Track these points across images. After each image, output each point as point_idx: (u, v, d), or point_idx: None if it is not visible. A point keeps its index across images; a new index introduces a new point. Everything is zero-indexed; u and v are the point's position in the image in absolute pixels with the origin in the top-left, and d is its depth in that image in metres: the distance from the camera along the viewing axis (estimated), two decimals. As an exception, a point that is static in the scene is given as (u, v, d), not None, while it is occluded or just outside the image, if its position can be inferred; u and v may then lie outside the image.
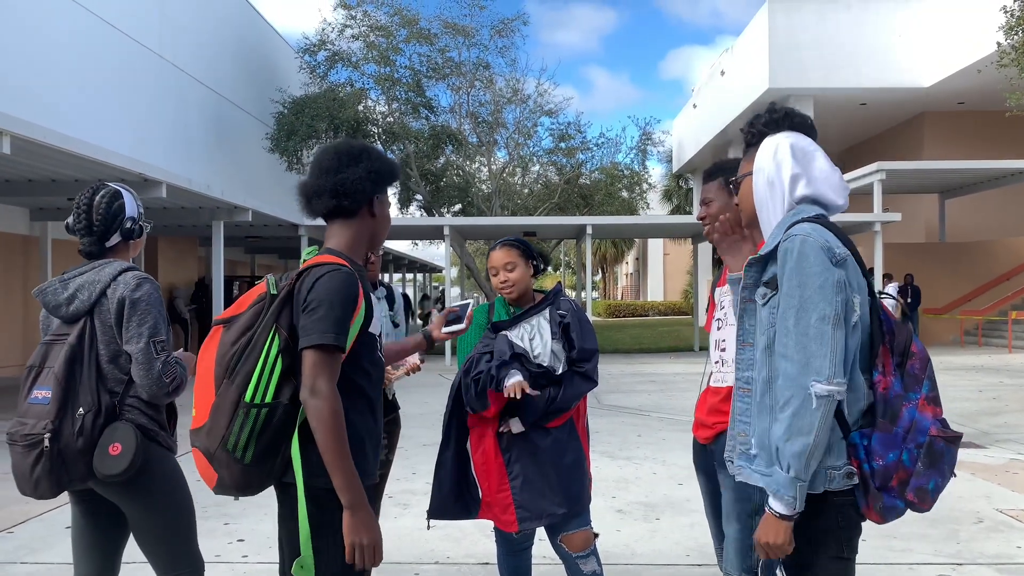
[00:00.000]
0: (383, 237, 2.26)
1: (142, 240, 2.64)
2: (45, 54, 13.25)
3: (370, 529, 1.94)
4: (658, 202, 40.01)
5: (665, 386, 12.11)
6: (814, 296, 1.79)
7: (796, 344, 1.79)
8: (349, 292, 1.97)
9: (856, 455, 1.83)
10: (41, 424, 2.32)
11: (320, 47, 21.98)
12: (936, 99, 21.46)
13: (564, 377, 2.99)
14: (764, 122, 2.07)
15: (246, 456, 1.93)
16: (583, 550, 3.02)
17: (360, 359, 2.05)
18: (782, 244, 1.87)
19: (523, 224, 17.82)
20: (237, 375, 1.95)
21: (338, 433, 1.89)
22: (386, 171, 2.17)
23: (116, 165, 10.22)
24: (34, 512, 5.28)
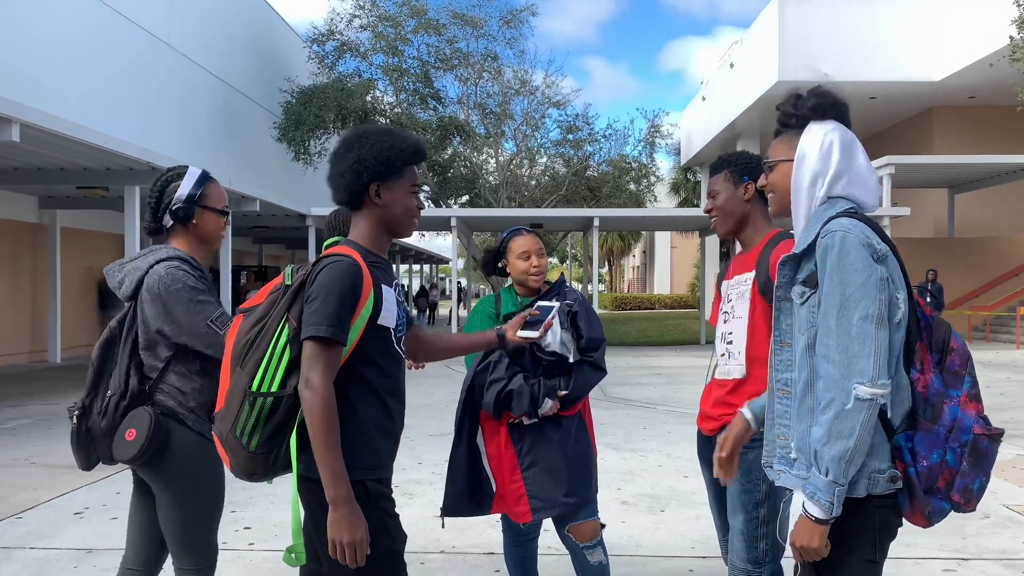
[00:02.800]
0: (403, 222, 2.14)
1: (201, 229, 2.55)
2: (55, 43, 13.27)
3: (352, 527, 1.88)
4: (666, 195, 39.92)
5: (671, 379, 12.11)
6: (856, 294, 1.73)
7: (838, 345, 1.73)
8: (348, 284, 1.94)
9: (901, 458, 1.78)
10: (78, 401, 2.41)
11: (329, 37, 21.97)
12: (946, 93, 21.33)
13: (574, 366, 3.00)
14: (811, 106, 1.94)
15: (251, 443, 1.95)
16: (591, 540, 3.04)
17: (369, 351, 2.02)
18: (821, 240, 1.79)
19: (530, 216, 17.80)
20: (247, 363, 1.98)
21: (325, 426, 1.87)
22: (378, 157, 2.06)
23: (125, 154, 10.25)
24: (43, 498, 5.32)
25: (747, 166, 2.62)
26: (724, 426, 2.54)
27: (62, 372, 13.17)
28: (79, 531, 4.63)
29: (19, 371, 13.21)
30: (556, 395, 2.93)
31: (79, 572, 3.97)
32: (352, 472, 1.93)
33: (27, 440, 7.35)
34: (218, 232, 2.61)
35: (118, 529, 4.65)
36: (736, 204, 2.62)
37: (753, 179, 2.59)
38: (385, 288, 2.06)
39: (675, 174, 41.27)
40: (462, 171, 24.82)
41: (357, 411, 1.99)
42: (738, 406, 2.51)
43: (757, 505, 2.44)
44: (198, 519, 2.47)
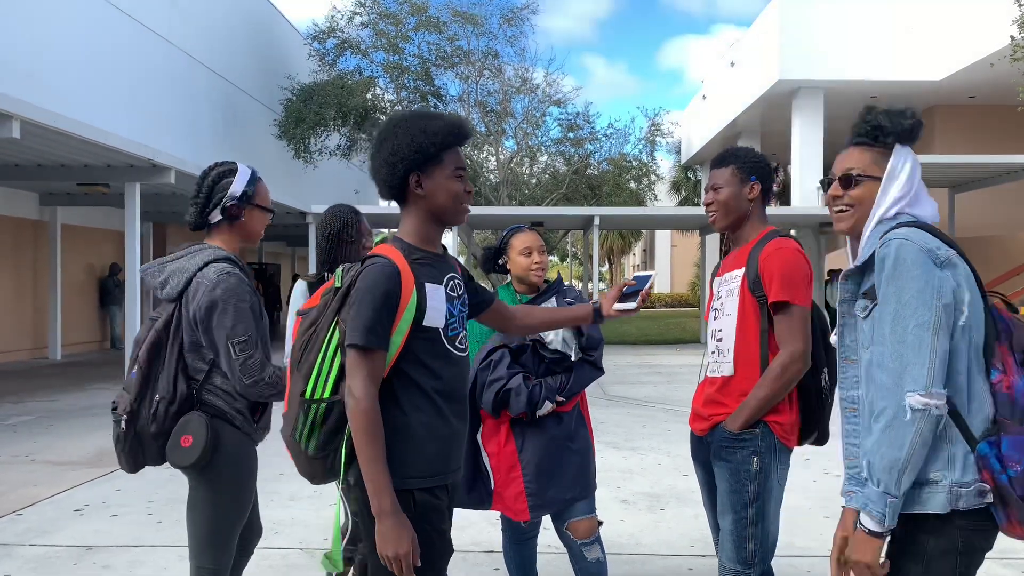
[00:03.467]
0: (451, 209, 2.02)
1: (248, 226, 2.56)
2: (55, 39, 13.26)
3: (397, 540, 1.82)
4: (666, 193, 39.88)
5: (671, 378, 12.11)
6: (912, 301, 1.69)
7: (892, 352, 1.70)
8: (383, 289, 1.87)
9: (988, 467, 1.69)
10: (124, 404, 2.41)
11: (329, 34, 21.93)
12: (947, 93, 21.30)
13: (575, 365, 3.01)
14: (907, 128, 1.89)
15: (309, 447, 1.95)
16: (588, 537, 3.04)
17: (417, 353, 1.94)
18: (878, 251, 1.77)
19: (531, 214, 17.78)
20: (302, 367, 1.98)
21: (367, 437, 1.83)
22: (411, 145, 1.95)
23: (125, 150, 10.24)
24: (43, 495, 5.33)
25: (755, 165, 2.61)
26: (715, 426, 2.54)
27: (62, 369, 13.17)
28: (79, 528, 4.63)
29: (20, 368, 13.21)
30: (555, 399, 2.93)
31: (79, 569, 3.98)
32: (400, 481, 1.88)
33: (27, 437, 7.35)
34: (261, 229, 2.63)
35: (118, 526, 4.65)
36: (740, 202, 2.60)
37: (760, 179, 2.59)
38: (431, 287, 1.97)
39: (676, 173, 41.25)
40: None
41: (407, 417, 1.93)
42: (728, 405, 2.51)
43: (745, 506, 2.44)
44: (228, 519, 2.49)
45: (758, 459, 2.43)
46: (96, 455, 6.56)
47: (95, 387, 10.88)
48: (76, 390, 10.57)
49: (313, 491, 5.09)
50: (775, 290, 2.43)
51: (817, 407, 2.52)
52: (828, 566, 2.16)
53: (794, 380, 2.43)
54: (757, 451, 2.43)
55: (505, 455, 2.98)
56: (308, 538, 4.27)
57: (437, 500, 1.97)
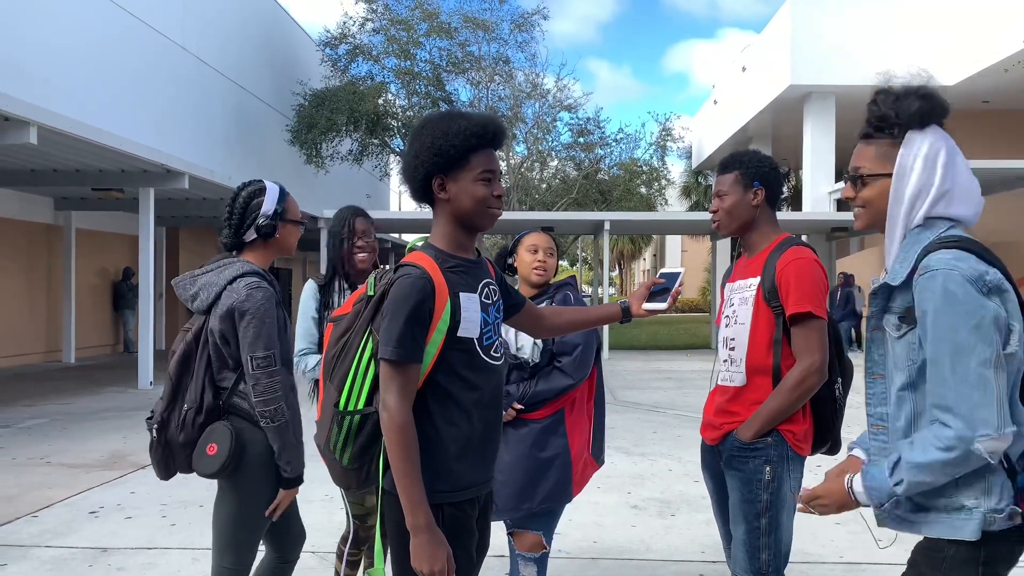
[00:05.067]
0: (476, 213, 1.94)
1: (283, 241, 2.61)
2: (70, 46, 13.40)
3: (431, 557, 1.79)
4: (677, 198, 39.83)
5: (681, 383, 12.09)
6: (970, 339, 1.58)
7: (957, 395, 1.59)
8: (414, 300, 1.83)
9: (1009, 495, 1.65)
10: (156, 414, 2.47)
11: (341, 40, 22.07)
12: (960, 97, 21.15)
13: (541, 371, 2.95)
14: (916, 111, 1.73)
15: (343, 458, 1.94)
16: (529, 552, 2.95)
17: (453, 364, 1.90)
18: (921, 280, 1.63)
19: (541, 219, 17.82)
20: (335, 378, 1.95)
21: (401, 452, 1.80)
22: (431, 148, 1.90)
23: (140, 156, 10.34)
24: (58, 497, 5.38)
25: (759, 170, 2.56)
26: (727, 435, 2.53)
27: (77, 372, 13.28)
28: (94, 530, 4.68)
29: (34, 371, 13.33)
30: (509, 406, 2.89)
31: (94, 571, 4.02)
32: (433, 495, 1.85)
33: (43, 439, 7.42)
34: (295, 242, 2.67)
35: (133, 528, 4.69)
36: (743, 209, 2.56)
37: (764, 185, 2.55)
38: (465, 296, 1.91)
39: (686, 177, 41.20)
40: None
41: (439, 429, 1.90)
42: (739, 414, 2.49)
43: (758, 515, 2.42)
44: (253, 521, 2.52)
45: (770, 468, 2.41)
46: (110, 458, 6.62)
47: (109, 390, 10.96)
48: (90, 393, 10.65)
49: (325, 494, 5.12)
50: (793, 301, 2.39)
51: (831, 417, 2.50)
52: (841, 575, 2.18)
53: (809, 393, 2.41)
54: (769, 460, 2.41)
55: None
56: (320, 542, 4.29)
57: (465, 515, 1.94)
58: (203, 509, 4.92)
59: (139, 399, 10.11)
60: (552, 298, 3.08)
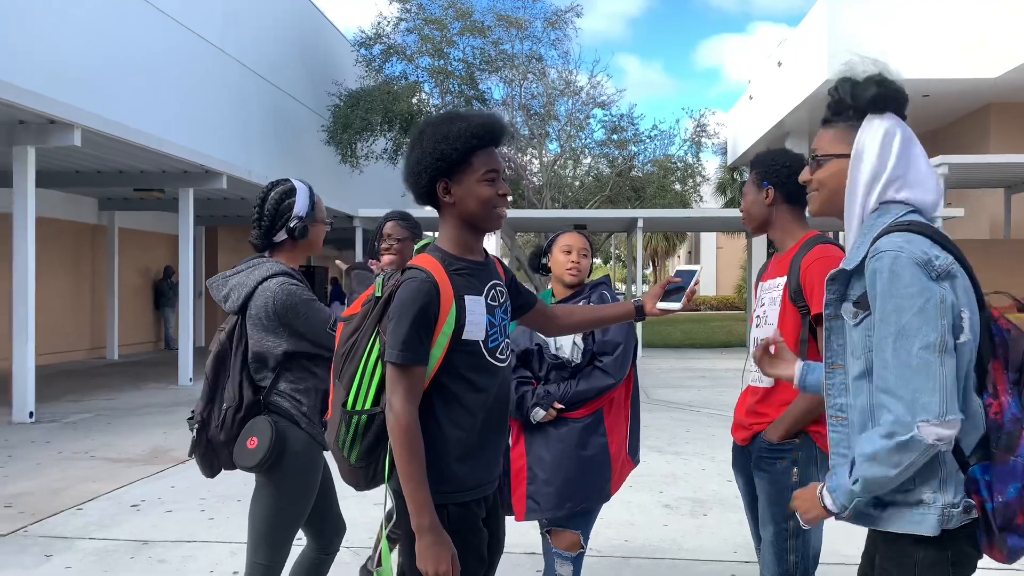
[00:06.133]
0: (482, 215, 1.94)
1: (313, 241, 2.66)
2: (113, 50, 13.71)
3: (436, 558, 1.81)
4: (711, 195, 39.46)
5: (716, 382, 12.01)
6: (914, 322, 1.56)
7: (898, 378, 1.57)
8: (419, 304, 1.84)
9: (977, 491, 1.62)
10: (197, 413, 2.54)
11: (375, 40, 22.23)
12: (1004, 90, 20.68)
13: (582, 371, 2.96)
14: (872, 96, 1.75)
15: (351, 457, 1.96)
16: (567, 551, 2.96)
17: (458, 366, 1.92)
18: (869, 262, 1.64)
19: (574, 217, 17.79)
20: (343, 377, 1.97)
21: (406, 454, 1.82)
22: (433, 152, 1.90)
23: (180, 157, 10.55)
24: (103, 490, 5.53)
25: (770, 169, 2.57)
26: (756, 435, 2.52)
27: (120, 368, 13.60)
28: (136, 523, 4.81)
29: (79, 367, 13.67)
30: (549, 406, 2.90)
31: (135, 563, 4.13)
32: (436, 496, 1.87)
33: (87, 434, 7.63)
34: (322, 241, 2.73)
35: (173, 522, 4.81)
36: (758, 208, 2.59)
37: (772, 183, 2.55)
38: (470, 299, 1.92)
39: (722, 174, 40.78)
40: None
41: (445, 431, 1.92)
42: (768, 415, 2.48)
43: (786, 517, 2.40)
44: (289, 518, 2.55)
45: (798, 470, 2.39)
46: (152, 452, 6.78)
47: (151, 386, 11.21)
48: (133, 389, 10.91)
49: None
50: (817, 301, 2.35)
51: None
52: None
53: None
54: (797, 461, 2.40)
55: (515, 456, 2.99)
56: (353, 536, 4.36)
57: (472, 514, 1.95)
58: (241, 504, 5.02)
59: (179, 395, 10.34)
60: (588, 298, 3.08)
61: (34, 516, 4.91)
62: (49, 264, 13.45)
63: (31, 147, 8.40)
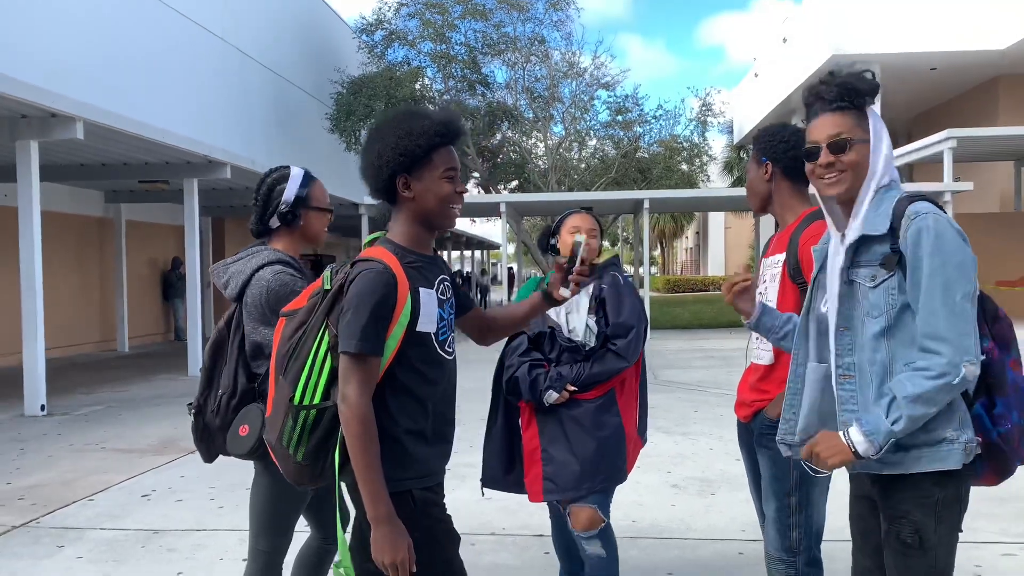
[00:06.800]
0: (439, 212, 1.98)
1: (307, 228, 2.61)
2: (114, 43, 13.69)
3: (393, 547, 1.82)
4: (718, 174, 39.27)
5: (724, 361, 11.99)
6: (956, 274, 1.78)
7: (947, 324, 1.76)
8: (379, 295, 1.85)
9: (982, 426, 1.84)
10: (195, 399, 2.55)
11: (377, 26, 22.13)
12: (1012, 62, 20.43)
13: (596, 353, 2.96)
14: (872, 87, 1.91)
15: (298, 454, 1.93)
16: (584, 529, 2.97)
17: (411, 359, 1.93)
18: (915, 223, 1.80)
19: (580, 199, 17.71)
20: (289, 373, 1.95)
21: (361, 444, 1.81)
22: (395, 148, 1.92)
23: (183, 148, 10.55)
24: (114, 481, 5.57)
25: (768, 145, 2.56)
26: (757, 411, 2.52)
27: (130, 360, 13.68)
28: (146, 513, 4.84)
29: (89, 360, 13.77)
30: (562, 388, 2.91)
31: (146, 552, 4.17)
32: (399, 483, 1.89)
33: (98, 426, 7.68)
34: (322, 230, 2.67)
35: (183, 511, 4.84)
36: (758, 183, 2.59)
37: (771, 159, 2.54)
38: (423, 291, 1.95)
39: (728, 153, 40.52)
40: (511, 156, 24.82)
41: (401, 421, 1.93)
42: (769, 392, 2.48)
43: (788, 493, 2.41)
44: (287, 505, 2.56)
45: None
46: (162, 443, 6.82)
47: (161, 377, 11.28)
48: (143, 380, 10.98)
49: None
50: None
51: None
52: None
53: None
54: None
55: (528, 438, 3.01)
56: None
57: (435, 495, 2.00)
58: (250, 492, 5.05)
59: (190, 386, 10.39)
60: (600, 279, 3.06)
61: (46, 507, 4.95)
62: (57, 258, 13.52)
63: (34, 141, 8.41)
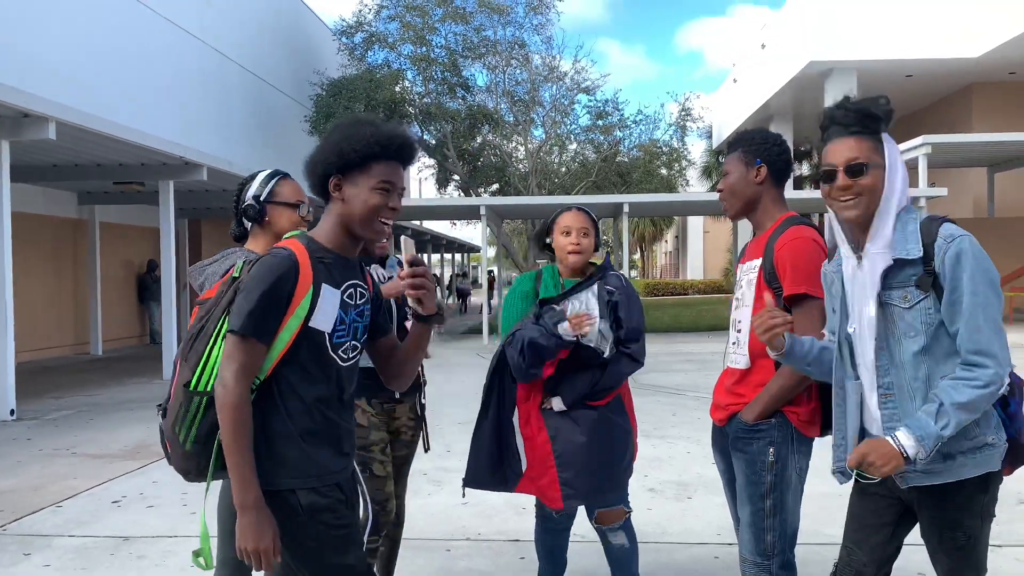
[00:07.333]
0: (362, 221, 1.93)
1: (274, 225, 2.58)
2: (91, 42, 13.52)
3: (257, 535, 1.80)
4: (697, 179, 39.48)
5: (702, 365, 12.02)
6: (990, 293, 1.90)
7: (990, 339, 1.89)
8: (273, 278, 1.83)
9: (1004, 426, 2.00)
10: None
11: (357, 28, 22.07)
12: (986, 69, 20.76)
13: (611, 357, 2.95)
14: (885, 115, 2.00)
15: (186, 443, 1.90)
16: (615, 523, 3.09)
17: (300, 357, 1.89)
18: (953, 245, 1.91)
19: (560, 203, 17.68)
20: (191, 357, 1.93)
21: (232, 428, 1.79)
22: (334, 148, 1.92)
23: (158, 149, 10.43)
24: (84, 487, 5.47)
25: (762, 147, 2.52)
26: (732, 415, 2.51)
27: (104, 364, 13.49)
28: (116, 519, 4.76)
29: (62, 363, 13.56)
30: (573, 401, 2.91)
31: (115, 559, 4.09)
32: (283, 483, 1.86)
33: (68, 431, 7.56)
34: (293, 226, 2.61)
35: (153, 517, 4.77)
36: (746, 186, 2.52)
37: (766, 162, 2.50)
38: (327, 289, 1.90)
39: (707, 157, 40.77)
40: (492, 159, 24.82)
41: (288, 419, 1.89)
42: (744, 396, 2.47)
43: (763, 497, 2.40)
44: None
45: (774, 449, 2.39)
46: (134, 448, 6.72)
47: (134, 381, 11.13)
48: (116, 384, 10.82)
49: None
50: (790, 282, 2.36)
51: None
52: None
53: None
54: (773, 441, 2.39)
55: (538, 445, 2.97)
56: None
57: (326, 499, 1.91)
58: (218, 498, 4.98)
59: (163, 390, 10.23)
60: (604, 280, 3.01)
61: (14, 514, 4.85)
62: (29, 260, 13.30)
63: (5, 141, 8.26)
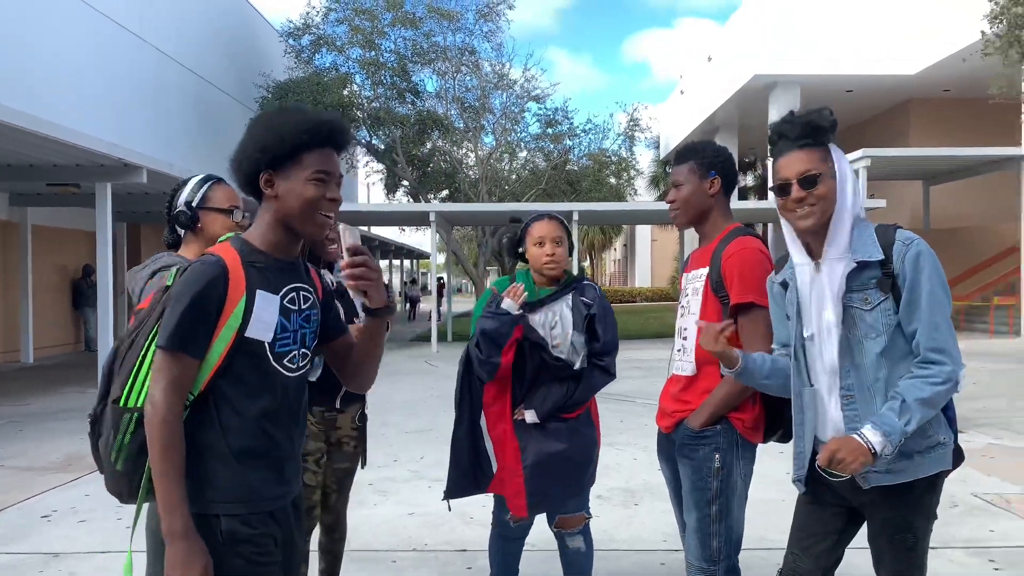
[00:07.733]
0: (301, 215, 1.78)
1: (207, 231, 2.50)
2: (23, 37, 13.04)
3: (185, 565, 1.64)
4: (645, 188, 40.02)
5: (649, 372, 12.14)
6: (943, 295, 1.98)
7: (946, 338, 1.97)
8: (199, 287, 1.70)
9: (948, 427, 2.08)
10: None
11: (304, 31, 21.81)
12: (922, 86, 21.52)
13: (583, 370, 2.95)
14: (831, 126, 2.06)
15: (118, 461, 1.79)
16: (574, 528, 3.13)
17: (237, 368, 1.74)
18: (911, 248, 1.98)
19: (510, 210, 17.75)
20: (121, 371, 1.82)
21: (160, 449, 1.66)
22: (258, 142, 1.78)
23: (95, 150, 10.09)
24: (11, 501, 5.24)
25: (715, 159, 2.54)
26: (678, 422, 2.52)
27: (34, 372, 12.98)
28: (46, 535, 4.56)
29: (-9, 371, 13.01)
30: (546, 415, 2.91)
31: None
32: (207, 505, 1.72)
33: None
34: (223, 231, 2.50)
35: (85, 532, 4.58)
36: (700, 198, 2.54)
37: (720, 174, 2.53)
38: (263, 295, 1.76)
39: (655, 167, 41.36)
40: (442, 165, 24.74)
41: (221, 438, 1.74)
42: (691, 403, 2.49)
43: (709, 502, 2.42)
44: None
45: (720, 456, 2.41)
46: (66, 460, 6.46)
47: (67, 390, 10.73)
48: (47, 394, 10.42)
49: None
50: (736, 292, 2.39)
51: (781, 403, 2.50)
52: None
53: None
54: (719, 448, 2.42)
55: (508, 454, 2.96)
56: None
57: (252, 530, 1.74)
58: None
59: (99, 398, 9.91)
60: (579, 291, 3.00)
61: (-67, 531, 4.61)
62: (-44, 263, 12.75)
63: (-71, 139, 7.91)
